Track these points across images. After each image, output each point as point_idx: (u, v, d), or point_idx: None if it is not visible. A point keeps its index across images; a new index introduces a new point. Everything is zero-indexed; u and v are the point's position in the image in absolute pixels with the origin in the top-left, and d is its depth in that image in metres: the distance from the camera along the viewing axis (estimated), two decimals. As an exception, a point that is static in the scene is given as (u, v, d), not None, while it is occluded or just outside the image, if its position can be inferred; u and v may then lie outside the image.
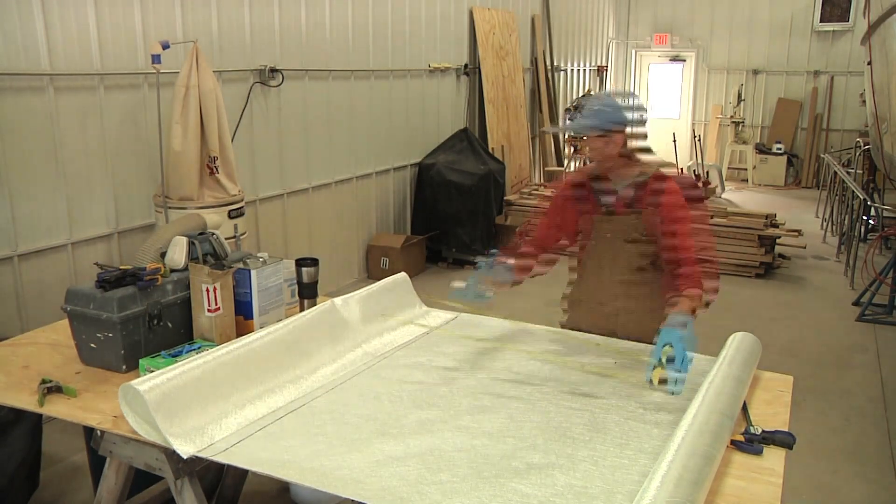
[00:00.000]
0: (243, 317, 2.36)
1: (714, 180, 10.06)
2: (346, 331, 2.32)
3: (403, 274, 2.71)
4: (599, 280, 2.47)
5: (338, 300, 2.38)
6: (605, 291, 2.47)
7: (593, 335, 2.42)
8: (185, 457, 1.68)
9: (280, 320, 2.45)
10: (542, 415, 1.88)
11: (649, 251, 2.38)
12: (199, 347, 2.15)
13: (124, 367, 2.10)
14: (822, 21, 10.95)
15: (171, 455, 1.75)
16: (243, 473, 2.74)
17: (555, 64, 9.64)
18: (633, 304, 2.43)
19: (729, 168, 11.30)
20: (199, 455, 1.69)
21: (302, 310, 2.52)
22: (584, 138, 2.37)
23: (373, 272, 6.20)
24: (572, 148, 9.84)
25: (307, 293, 2.54)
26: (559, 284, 2.91)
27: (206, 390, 1.85)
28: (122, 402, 1.77)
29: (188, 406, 1.77)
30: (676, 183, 2.35)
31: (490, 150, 7.26)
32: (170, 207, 3.84)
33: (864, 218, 7.13)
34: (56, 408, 1.90)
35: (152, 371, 2.03)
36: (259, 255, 2.44)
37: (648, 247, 2.37)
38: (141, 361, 2.07)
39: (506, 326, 2.54)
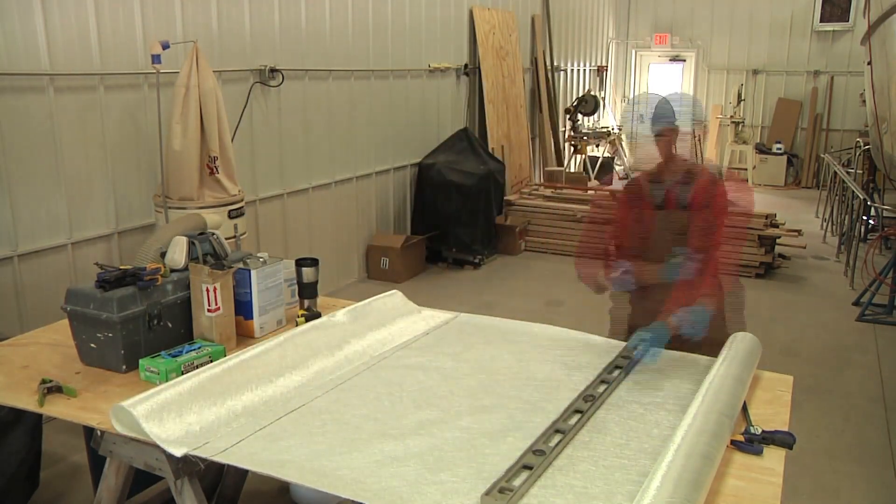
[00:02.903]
0: (243, 317, 2.36)
1: (714, 180, 10.05)
2: (345, 333, 2.32)
3: (396, 291, 2.68)
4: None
5: (334, 316, 2.37)
6: (663, 287, 2.44)
7: (593, 335, 2.42)
8: (178, 455, 1.68)
9: (279, 321, 2.46)
10: (542, 414, 1.88)
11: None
12: (199, 347, 2.15)
13: (124, 367, 2.10)
14: (822, 21, 10.95)
15: (172, 455, 1.75)
16: (243, 473, 2.74)
17: (555, 64, 9.63)
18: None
19: (729, 168, 11.29)
20: (200, 455, 1.69)
21: (301, 307, 2.52)
22: (656, 136, 2.38)
23: (373, 272, 6.20)
24: (572, 148, 9.86)
25: (307, 293, 2.54)
26: (559, 285, 2.91)
27: (202, 396, 1.86)
28: (115, 423, 1.78)
29: (181, 413, 1.78)
30: (722, 186, 2.40)
31: (490, 150, 7.26)
32: (170, 207, 3.84)
33: (864, 218, 7.12)
34: (56, 408, 1.90)
35: (153, 371, 2.04)
36: (259, 255, 2.44)
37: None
38: (141, 361, 2.07)
39: (506, 326, 2.54)
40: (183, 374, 2.04)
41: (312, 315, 2.46)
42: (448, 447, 1.70)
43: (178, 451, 1.68)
